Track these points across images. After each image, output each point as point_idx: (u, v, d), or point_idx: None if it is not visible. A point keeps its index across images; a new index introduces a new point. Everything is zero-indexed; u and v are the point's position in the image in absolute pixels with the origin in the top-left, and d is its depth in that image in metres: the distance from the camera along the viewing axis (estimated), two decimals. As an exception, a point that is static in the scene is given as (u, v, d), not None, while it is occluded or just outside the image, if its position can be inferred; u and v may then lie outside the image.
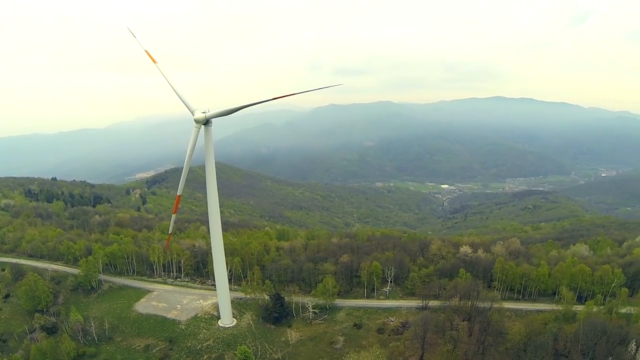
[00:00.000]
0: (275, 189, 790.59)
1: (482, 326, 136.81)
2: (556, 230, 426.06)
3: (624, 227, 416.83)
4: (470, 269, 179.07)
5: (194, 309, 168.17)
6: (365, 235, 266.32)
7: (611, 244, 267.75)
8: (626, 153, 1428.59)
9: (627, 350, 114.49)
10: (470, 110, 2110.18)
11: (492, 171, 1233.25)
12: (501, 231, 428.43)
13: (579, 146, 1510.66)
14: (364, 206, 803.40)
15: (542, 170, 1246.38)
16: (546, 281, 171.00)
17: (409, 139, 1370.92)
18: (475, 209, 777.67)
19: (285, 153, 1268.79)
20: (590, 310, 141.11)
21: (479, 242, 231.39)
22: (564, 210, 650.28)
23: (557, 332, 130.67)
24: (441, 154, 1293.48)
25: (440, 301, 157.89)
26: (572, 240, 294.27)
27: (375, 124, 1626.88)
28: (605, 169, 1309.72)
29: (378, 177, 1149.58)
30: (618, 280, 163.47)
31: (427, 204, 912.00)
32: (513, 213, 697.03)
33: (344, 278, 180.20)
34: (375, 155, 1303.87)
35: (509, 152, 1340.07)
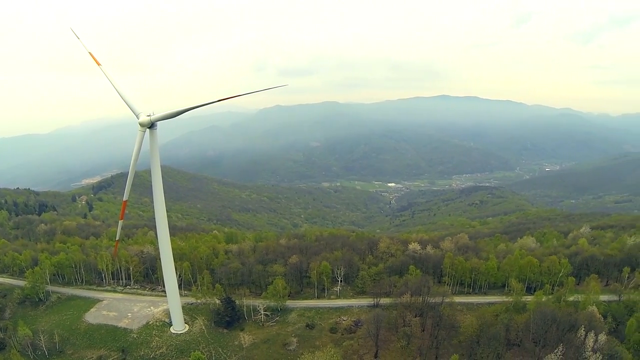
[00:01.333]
0: (222, 192, 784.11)
1: (434, 321, 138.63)
2: (503, 224, 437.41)
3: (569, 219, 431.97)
4: (420, 266, 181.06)
5: (145, 316, 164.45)
6: (314, 235, 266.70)
7: (557, 235, 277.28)
8: (569, 148, 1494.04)
9: (577, 336, 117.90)
10: (416, 109, 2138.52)
11: (439, 168, 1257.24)
12: (449, 227, 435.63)
13: (524, 142, 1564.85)
14: (311, 206, 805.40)
15: (488, 167, 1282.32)
16: (495, 274, 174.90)
17: (355, 139, 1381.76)
18: (423, 206, 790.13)
19: (232, 155, 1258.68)
20: (540, 300, 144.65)
21: (427, 239, 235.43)
22: (510, 205, 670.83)
23: (508, 323, 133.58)
24: (387, 153, 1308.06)
25: (391, 298, 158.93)
26: (519, 234, 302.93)
27: (321, 124, 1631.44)
28: (549, 163, 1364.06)
29: (325, 177, 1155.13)
30: (565, 270, 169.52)
31: (374, 202, 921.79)
32: (460, 209, 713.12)
33: (294, 279, 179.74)
34: (322, 156, 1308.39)
35: (454, 150, 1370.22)
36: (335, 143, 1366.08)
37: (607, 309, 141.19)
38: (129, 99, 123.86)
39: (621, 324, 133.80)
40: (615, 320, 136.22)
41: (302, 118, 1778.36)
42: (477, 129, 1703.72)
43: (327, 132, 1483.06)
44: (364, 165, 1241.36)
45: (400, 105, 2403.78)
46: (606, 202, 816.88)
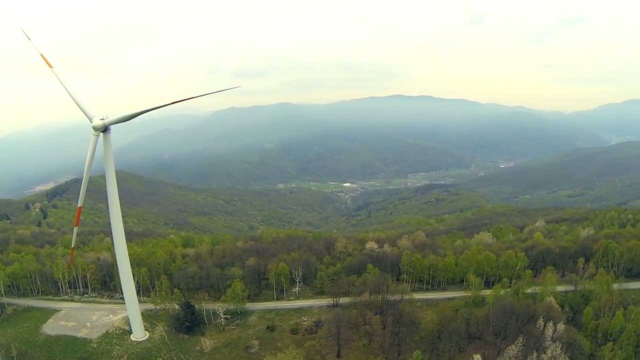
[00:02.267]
0: (178, 195, 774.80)
1: (395, 318, 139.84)
2: (460, 221, 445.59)
3: (524, 213, 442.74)
4: (378, 264, 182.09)
5: (104, 325, 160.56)
6: (270, 237, 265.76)
7: (513, 230, 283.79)
8: (523, 145, 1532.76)
9: (536, 326, 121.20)
10: (370, 109, 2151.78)
11: (394, 168, 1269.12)
12: (406, 225, 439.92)
13: (478, 140, 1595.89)
14: (267, 208, 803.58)
15: (443, 165, 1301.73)
16: (453, 270, 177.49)
17: (310, 140, 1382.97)
18: (379, 205, 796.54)
19: (187, 158, 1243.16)
20: (498, 294, 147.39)
21: (384, 237, 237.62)
22: (466, 202, 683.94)
23: (468, 317, 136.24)
24: (342, 153, 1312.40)
25: (350, 297, 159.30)
26: (476, 230, 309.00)
27: (276, 126, 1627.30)
28: (504, 160, 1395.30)
29: (280, 178, 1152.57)
30: (522, 264, 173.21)
31: (330, 203, 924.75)
32: (416, 207, 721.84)
33: (252, 281, 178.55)
34: (276, 157, 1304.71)
35: (409, 149, 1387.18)
36: (290, 144, 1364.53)
37: (564, 299, 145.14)
38: (82, 102, 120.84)
39: (578, 313, 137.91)
40: (572, 309, 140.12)
41: (257, 120, 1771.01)
42: (432, 127, 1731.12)
43: (282, 133, 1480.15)
44: (319, 166, 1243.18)
45: (355, 105, 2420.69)
46: (560, 197, 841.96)
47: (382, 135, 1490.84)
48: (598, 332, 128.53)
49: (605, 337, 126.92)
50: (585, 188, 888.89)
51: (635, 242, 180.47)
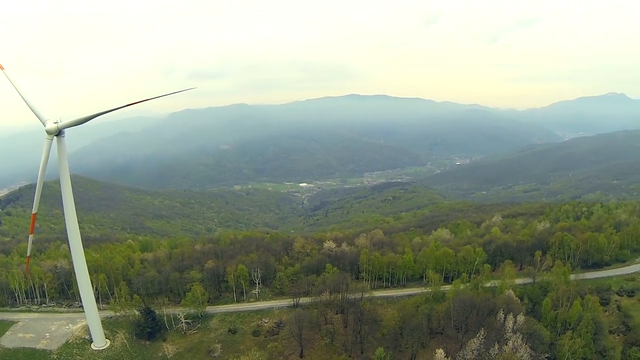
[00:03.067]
0: (134, 199, 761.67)
1: (356, 316, 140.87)
2: (417, 218, 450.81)
3: (481, 209, 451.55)
4: (337, 263, 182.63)
5: (64, 335, 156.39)
6: (228, 239, 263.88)
7: (470, 225, 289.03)
8: (478, 142, 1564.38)
9: (497, 319, 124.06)
10: (326, 109, 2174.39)
11: (350, 167, 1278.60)
12: (363, 224, 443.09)
13: (434, 138, 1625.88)
14: (224, 210, 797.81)
15: (399, 163, 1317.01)
16: (413, 267, 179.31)
17: (265, 140, 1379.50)
18: (336, 205, 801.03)
19: (143, 161, 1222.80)
20: (458, 288, 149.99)
21: (342, 237, 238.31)
22: (423, 199, 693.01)
23: (429, 313, 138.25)
24: (298, 153, 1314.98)
25: (310, 297, 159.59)
26: (434, 226, 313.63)
27: (231, 127, 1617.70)
28: (460, 157, 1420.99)
29: (236, 180, 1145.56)
30: (480, 258, 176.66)
31: (286, 203, 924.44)
32: (374, 205, 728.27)
33: (211, 284, 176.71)
34: (232, 159, 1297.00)
35: (365, 148, 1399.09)
36: (246, 145, 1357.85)
37: (523, 291, 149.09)
38: (35, 105, 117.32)
39: (537, 304, 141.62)
40: (531, 301, 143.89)
41: (212, 121, 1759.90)
42: (388, 126, 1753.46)
43: (237, 134, 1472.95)
44: (274, 167, 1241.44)
45: (310, 105, 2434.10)
46: (515, 192, 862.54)
47: (337, 134, 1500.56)
48: (557, 322, 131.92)
49: (564, 326, 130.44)
50: (540, 183, 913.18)
51: (590, 234, 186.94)
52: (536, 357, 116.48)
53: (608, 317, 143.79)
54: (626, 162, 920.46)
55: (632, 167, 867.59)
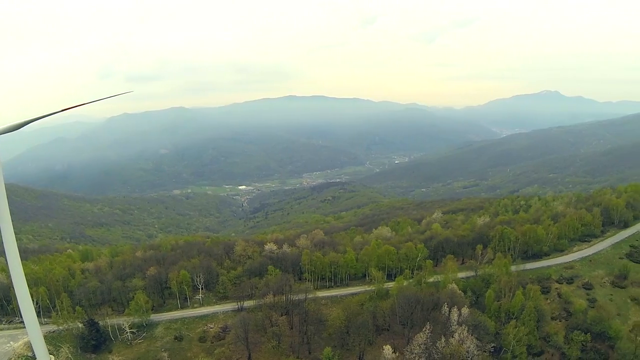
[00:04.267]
0: (73, 208, 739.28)
1: (301, 317, 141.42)
2: (357, 217, 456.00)
3: (421, 206, 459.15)
4: (279, 265, 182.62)
5: (5, 353, 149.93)
6: (169, 244, 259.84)
7: (411, 223, 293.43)
8: (416, 140, 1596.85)
9: (442, 313, 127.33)
10: (263, 111, 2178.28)
11: (289, 168, 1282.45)
12: (304, 224, 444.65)
13: (372, 137, 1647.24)
14: (164, 215, 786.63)
15: (338, 163, 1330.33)
16: (355, 265, 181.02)
17: (203, 144, 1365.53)
18: (276, 206, 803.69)
19: (82, 167, 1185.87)
20: (401, 285, 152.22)
21: (283, 238, 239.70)
22: (362, 198, 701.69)
23: (374, 310, 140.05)
24: (236, 156, 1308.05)
25: (254, 300, 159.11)
26: (374, 225, 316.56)
27: (169, 131, 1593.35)
28: (399, 156, 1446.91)
29: (175, 184, 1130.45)
30: (422, 254, 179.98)
31: (226, 206, 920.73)
32: (314, 206, 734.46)
33: (155, 291, 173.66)
34: (171, 163, 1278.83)
35: (304, 149, 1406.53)
36: (184, 149, 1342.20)
37: (466, 285, 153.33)
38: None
39: (481, 296, 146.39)
40: (474, 293, 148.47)
41: (151, 125, 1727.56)
42: (326, 127, 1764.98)
43: (176, 138, 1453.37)
44: (213, 170, 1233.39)
45: (248, 107, 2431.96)
46: (455, 188, 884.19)
47: (276, 136, 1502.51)
48: (501, 312, 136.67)
49: (508, 316, 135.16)
50: (479, 179, 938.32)
51: (529, 227, 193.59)
52: (482, 347, 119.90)
53: (549, 305, 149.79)
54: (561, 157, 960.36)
55: (567, 161, 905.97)
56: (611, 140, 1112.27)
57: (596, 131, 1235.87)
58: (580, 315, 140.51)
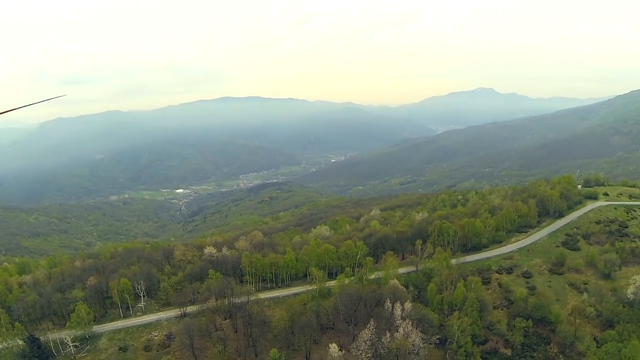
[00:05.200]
0: (8, 218, 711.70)
1: (245, 320, 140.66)
2: (296, 217, 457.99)
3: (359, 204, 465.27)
4: (219, 268, 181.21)
5: None
6: (108, 252, 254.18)
7: (349, 221, 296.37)
8: (352, 139, 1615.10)
9: (385, 308, 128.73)
10: (199, 113, 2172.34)
11: (225, 170, 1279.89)
12: (242, 226, 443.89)
13: (308, 137, 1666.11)
14: (102, 223, 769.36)
15: (274, 163, 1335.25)
16: (295, 265, 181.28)
17: (139, 148, 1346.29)
18: (214, 209, 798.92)
19: (15, 175, 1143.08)
20: (343, 283, 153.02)
21: (222, 241, 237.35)
22: (300, 198, 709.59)
23: (317, 309, 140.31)
24: (173, 159, 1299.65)
25: (197, 305, 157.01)
26: (313, 224, 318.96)
27: (105, 135, 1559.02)
28: (335, 155, 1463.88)
29: (112, 190, 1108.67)
30: (362, 252, 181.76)
31: (164, 210, 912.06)
32: (251, 207, 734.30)
33: (96, 302, 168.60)
34: (107, 168, 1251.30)
35: (239, 150, 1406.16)
36: (120, 154, 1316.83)
37: (408, 280, 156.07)
38: None
39: (423, 290, 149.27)
40: (416, 288, 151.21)
41: (85, 130, 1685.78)
42: (261, 128, 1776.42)
43: (111, 143, 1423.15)
44: (150, 174, 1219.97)
45: (184, 110, 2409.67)
46: (392, 185, 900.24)
47: (211, 138, 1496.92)
48: (444, 305, 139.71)
49: (451, 308, 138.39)
50: (416, 175, 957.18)
51: (467, 220, 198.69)
52: (427, 339, 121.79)
53: (491, 295, 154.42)
54: (496, 151, 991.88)
55: (502, 155, 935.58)
56: (544, 134, 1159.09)
57: (530, 126, 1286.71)
58: (521, 303, 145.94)
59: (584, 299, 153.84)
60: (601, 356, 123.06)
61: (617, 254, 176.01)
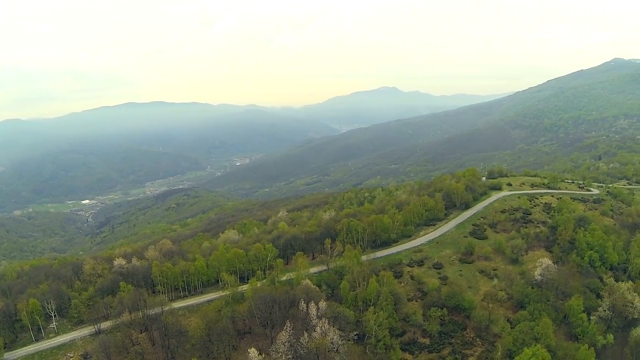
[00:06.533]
0: None
1: (161, 332, 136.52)
2: (203, 222, 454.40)
3: (265, 206, 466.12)
4: (130, 280, 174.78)
5: None
6: (14, 271, 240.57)
7: (257, 223, 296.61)
8: (256, 142, 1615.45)
9: (299, 309, 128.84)
10: (102, 120, 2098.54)
11: (131, 178, 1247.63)
12: (151, 235, 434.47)
13: (212, 141, 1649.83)
14: (6, 240, 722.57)
15: (180, 169, 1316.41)
16: (207, 272, 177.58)
17: (42, 158, 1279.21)
18: (121, 219, 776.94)
19: None
20: (255, 287, 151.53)
21: (131, 252, 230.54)
22: (207, 203, 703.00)
23: (232, 315, 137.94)
24: (77, 169, 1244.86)
25: (111, 321, 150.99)
26: (221, 229, 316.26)
27: (5, 146, 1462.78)
28: (239, 158, 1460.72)
29: (15, 204, 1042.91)
30: (271, 254, 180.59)
31: (71, 223, 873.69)
32: (159, 215, 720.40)
33: (4, 327, 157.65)
34: (8, 181, 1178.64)
35: (144, 157, 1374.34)
36: (22, 165, 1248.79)
37: (320, 279, 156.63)
38: None
39: (336, 289, 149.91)
40: (329, 286, 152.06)
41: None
42: (166, 133, 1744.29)
43: (12, 153, 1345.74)
44: (54, 186, 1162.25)
45: (87, 117, 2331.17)
46: (298, 186, 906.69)
47: (116, 145, 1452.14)
48: (358, 301, 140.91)
49: (366, 303, 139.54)
50: (321, 174, 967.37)
51: (375, 217, 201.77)
52: (345, 336, 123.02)
53: (404, 287, 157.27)
54: (401, 148, 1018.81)
55: (407, 151, 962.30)
56: (447, 130, 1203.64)
57: (433, 122, 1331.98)
58: (435, 293, 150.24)
59: (494, 284, 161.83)
60: (516, 335, 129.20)
61: (522, 240, 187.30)
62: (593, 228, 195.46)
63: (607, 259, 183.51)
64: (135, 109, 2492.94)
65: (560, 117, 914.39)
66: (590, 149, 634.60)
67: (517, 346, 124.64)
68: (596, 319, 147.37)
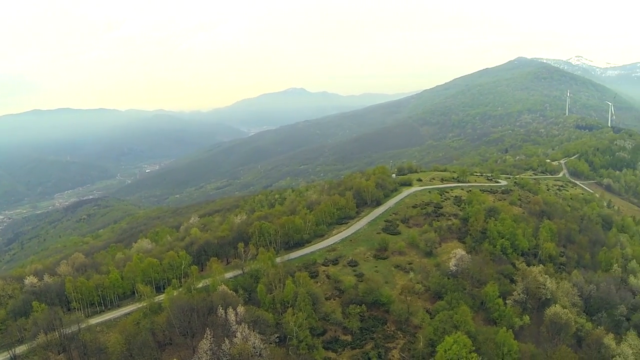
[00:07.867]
0: None
1: (80, 351, 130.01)
2: (116, 233, 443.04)
3: (177, 213, 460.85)
4: (44, 299, 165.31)
5: None
6: None
7: (170, 231, 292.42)
8: (165, 147, 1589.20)
9: (218, 316, 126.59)
10: (7, 128, 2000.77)
11: (38, 190, 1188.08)
12: (63, 249, 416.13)
13: (121, 148, 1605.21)
14: None
15: (89, 179, 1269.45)
16: (121, 284, 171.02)
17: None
18: (31, 234, 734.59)
19: None
20: (172, 296, 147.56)
21: (42, 268, 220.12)
22: (118, 212, 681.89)
23: (151, 326, 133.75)
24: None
25: (26, 344, 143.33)
26: (134, 238, 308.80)
27: None
28: (149, 164, 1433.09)
29: None
30: (186, 262, 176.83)
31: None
32: (70, 227, 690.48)
33: None
34: None
35: (52, 167, 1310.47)
36: None
37: (236, 284, 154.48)
38: None
39: (253, 292, 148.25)
40: (246, 290, 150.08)
41: None
42: (73, 141, 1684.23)
43: None
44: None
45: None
46: (208, 190, 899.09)
47: (21, 156, 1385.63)
48: (276, 303, 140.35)
49: (284, 305, 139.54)
50: (231, 178, 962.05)
51: (286, 218, 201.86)
52: (267, 340, 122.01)
53: (321, 287, 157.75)
54: (310, 148, 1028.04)
55: (316, 151, 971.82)
56: (356, 129, 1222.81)
57: (341, 122, 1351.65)
58: (352, 290, 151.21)
59: (411, 277, 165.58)
60: (436, 325, 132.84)
61: (435, 233, 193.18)
62: (503, 217, 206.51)
63: (518, 246, 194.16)
64: (40, 117, 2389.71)
65: (468, 113, 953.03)
66: (497, 143, 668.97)
67: (438, 335, 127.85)
68: (512, 302, 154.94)
